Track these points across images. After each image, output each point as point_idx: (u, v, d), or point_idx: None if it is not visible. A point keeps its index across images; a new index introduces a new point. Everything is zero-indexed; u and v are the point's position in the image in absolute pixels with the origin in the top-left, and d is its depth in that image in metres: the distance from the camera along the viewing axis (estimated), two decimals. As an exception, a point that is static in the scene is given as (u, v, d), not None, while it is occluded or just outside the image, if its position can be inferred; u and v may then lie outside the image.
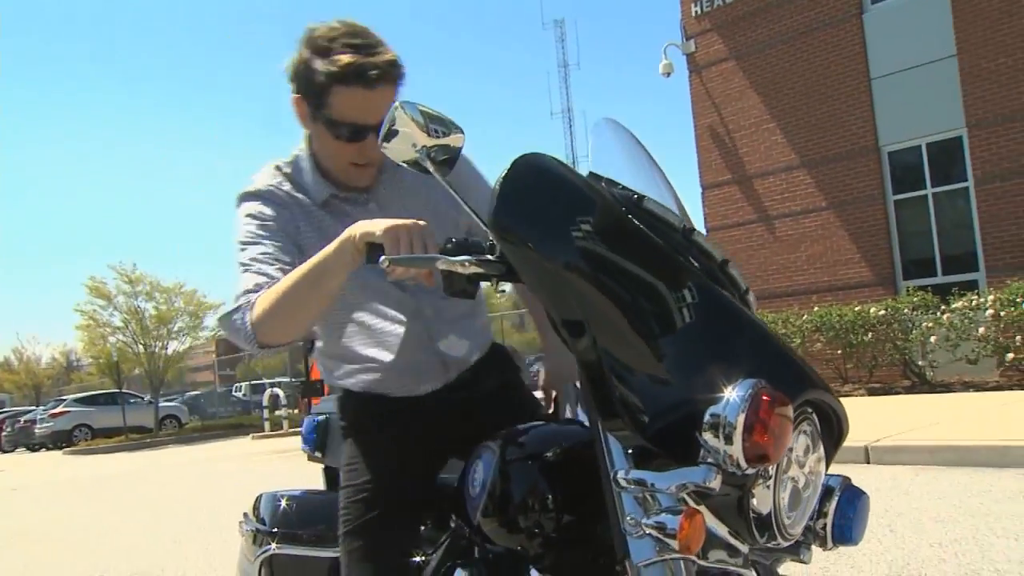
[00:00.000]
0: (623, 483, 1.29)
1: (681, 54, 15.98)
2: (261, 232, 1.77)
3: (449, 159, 1.53)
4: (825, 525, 1.46)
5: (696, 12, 15.76)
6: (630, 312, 1.28)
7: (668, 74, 15.74)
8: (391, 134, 1.48)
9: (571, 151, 59.48)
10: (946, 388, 10.93)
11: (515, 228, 1.31)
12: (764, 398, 1.19)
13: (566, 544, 1.57)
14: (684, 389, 1.27)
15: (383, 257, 1.37)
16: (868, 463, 6.86)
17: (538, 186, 1.33)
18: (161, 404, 25.38)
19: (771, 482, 1.30)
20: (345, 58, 1.69)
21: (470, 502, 1.66)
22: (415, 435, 1.92)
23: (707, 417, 1.21)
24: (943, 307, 11.24)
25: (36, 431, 27.57)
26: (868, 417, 9.14)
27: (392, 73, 1.74)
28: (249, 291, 1.67)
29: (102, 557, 6.28)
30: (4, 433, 30.07)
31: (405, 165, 1.53)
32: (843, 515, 1.48)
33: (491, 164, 1.39)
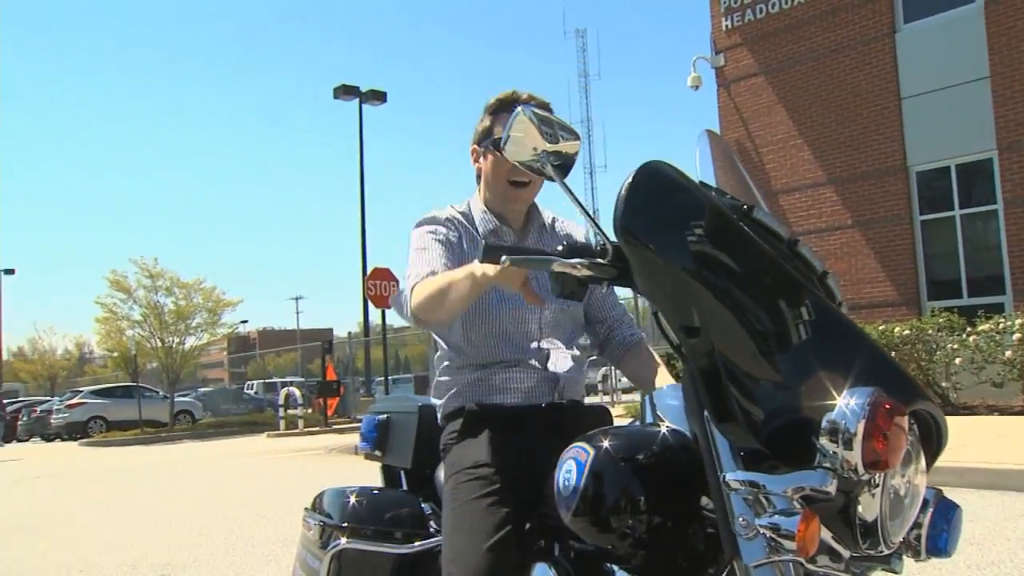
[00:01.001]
0: (734, 484, 1.32)
1: (710, 68, 16.01)
2: (434, 240, 2.07)
3: (564, 164, 1.57)
4: (919, 536, 1.49)
5: (727, 26, 15.79)
6: (745, 317, 1.31)
7: (696, 87, 15.77)
8: (513, 138, 1.53)
9: (589, 162, 59.33)
10: (970, 411, 10.86)
11: (639, 232, 1.34)
12: (885, 406, 1.21)
13: (654, 546, 1.60)
14: (799, 395, 1.30)
15: (504, 257, 1.41)
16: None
17: (660, 193, 1.37)
18: (176, 399, 25.48)
19: (877, 490, 1.33)
20: (502, 94, 2.11)
21: (561, 501, 1.68)
22: (529, 443, 1.97)
23: (825, 423, 1.24)
24: (969, 329, 11.19)
25: (52, 421, 27.76)
26: (892, 437, 9.12)
27: (540, 101, 2.06)
28: (416, 277, 1.95)
29: (131, 548, 6.33)
30: (20, 422, 30.26)
31: (521, 165, 1.57)
32: (937, 527, 1.50)
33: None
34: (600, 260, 1.44)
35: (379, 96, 23.74)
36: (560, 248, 1.47)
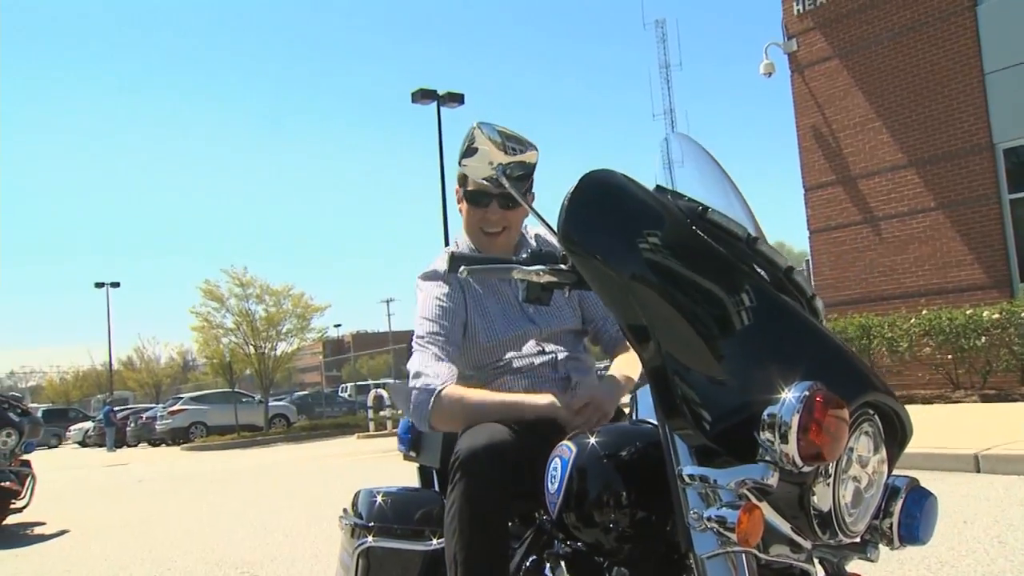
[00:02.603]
0: (687, 479, 1.37)
1: (783, 53, 15.70)
2: (438, 310, 2.18)
3: (524, 175, 1.64)
4: (891, 524, 1.50)
5: (798, 11, 15.45)
6: (691, 317, 1.36)
7: (769, 74, 15.50)
8: (470, 152, 1.60)
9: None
10: (1065, 395, 10.46)
11: (582, 241, 1.40)
12: (818, 399, 1.25)
13: (639, 539, 1.65)
14: (744, 391, 1.34)
15: (462, 268, 1.48)
16: (978, 472, 6.63)
17: (604, 201, 1.42)
18: (271, 403, 26.23)
19: (831, 480, 1.36)
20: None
21: (549, 498, 1.75)
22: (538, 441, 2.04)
23: (765, 417, 1.28)
24: (1063, 311, 10.75)
25: (157, 427, 28.95)
26: (980, 424, 8.83)
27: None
28: (429, 377, 2.08)
29: (216, 547, 6.62)
30: (128, 428, 31.59)
31: (484, 181, 1.64)
32: (910, 515, 1.51)
33: (593, 166, 1.52)
34: (562, 266, 1.50)
35: (457, 98, 23.96)
36: (525, 255, 1.54)
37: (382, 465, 12.29)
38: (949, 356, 12.04)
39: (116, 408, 32.92)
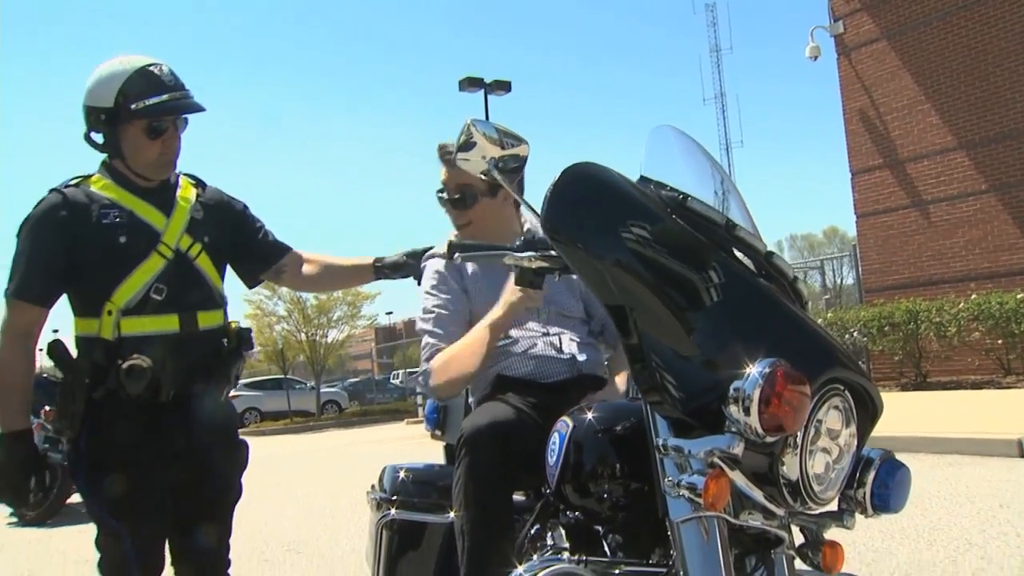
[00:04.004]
0: (664, 449, 1.48)
1: (829, 36, 15.52)
2: (441, 290, 2.32)
3: (517, 168, 1.75)
4: (864, 494, 1.59)
5: (845, -8, 15.28)
6: (666, 299, 1.47)
7: (815, 57, 15.34)
8: (466, 146, 1.71)
9: (725, 137, 57.88)
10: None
11: (563, 229, 1.52)
12: (780, 374, 1.35)
13: (632, 507, 1.77)
14: (714, 367, 1.45)
15: (457, 254, 1.60)
16: (1022, 457, 6.59)
17: (585, 192, 1.53)
18: (322, 390, 26.64)
19: (799, 451, 1.46)
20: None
21: (548, 470, 1.87)
22: (542, 416, 2.15)
23: (730, 391, 1.38)
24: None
25: (212, 413, 29.51)
26: (1026, 410, 8.73)
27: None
28: (430, 349, 2.30)
29: (264, 527, 6.85)
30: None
31: (480, 175, 1.76)
32: (882, 484, 1.60)
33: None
34: (552, 252, 1.61)
35: (504, 86, 23.98)
36: (518, 243, 1.65)
37: (427, 449, 12.48)
38: (999, 341, 11.89)
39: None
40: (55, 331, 3.11)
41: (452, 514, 2.48)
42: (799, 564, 1.63)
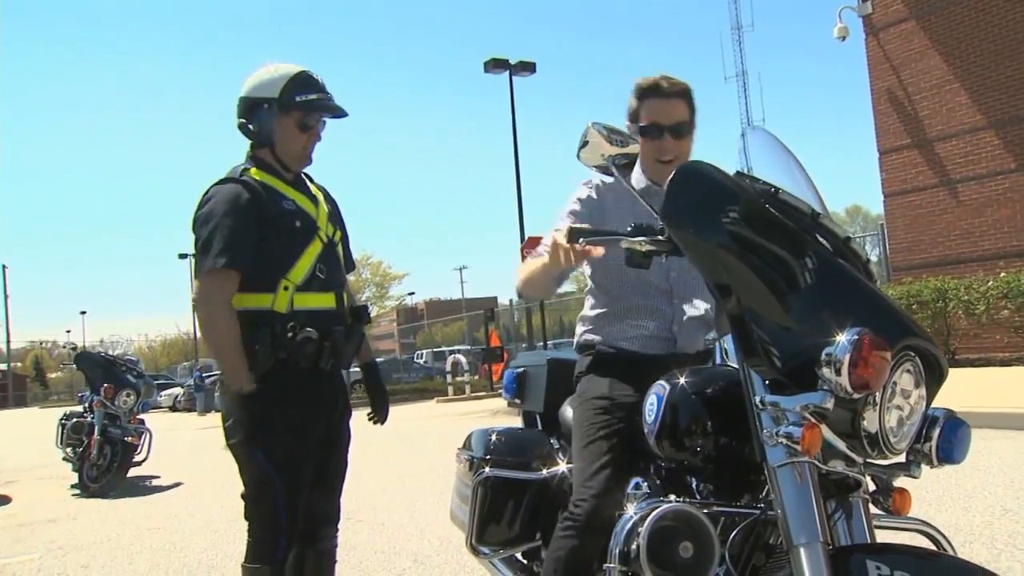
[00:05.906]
0: (762, 405, 1.74)
1: (857, 16, 15.59)
2: (571, 207, 2.42)
3: (628, 163, 2.00)
4: (931, 447, 1.84)
5: (873, -28, 15.33)
6: (764, 276, 1.72)
7: (843, 38, 15.43)
8: (584, 145, 1.97)
9: (746, 115, 57.69)
10: None
11: (678, 218, 1.78)
12: (866, 341, 1.60)
13: (720, 460, 2.04)
14: (807, 335, 1.70)
15: (581, 239, 1.87)
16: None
17: (695, 186, 1.80)
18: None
19: (878, 408, 1.71)
20: (644, 81, 2.39)
21: (647, 427, 2.13)
22: (643, 384, 2.35)
23: (823, 356, 1.64)
24: None
25: (243, 392, 29.93)
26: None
27: (680, 88, 2.36)
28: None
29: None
30: (216, 394, 32.88)
31: (594, 168, 2.02)
32: (946, 439, 1.84)
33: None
34: (660, 237, 1.88)
35: (528, 67, 24.07)
36: (629, 228, 1.91)
37: (462, 426, 12.76)
38: (1028, 319, 12.03)
39: (205, 374, 34.19)
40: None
41: (544, 471, 2.77)
42: (872, 509, 1.88)
